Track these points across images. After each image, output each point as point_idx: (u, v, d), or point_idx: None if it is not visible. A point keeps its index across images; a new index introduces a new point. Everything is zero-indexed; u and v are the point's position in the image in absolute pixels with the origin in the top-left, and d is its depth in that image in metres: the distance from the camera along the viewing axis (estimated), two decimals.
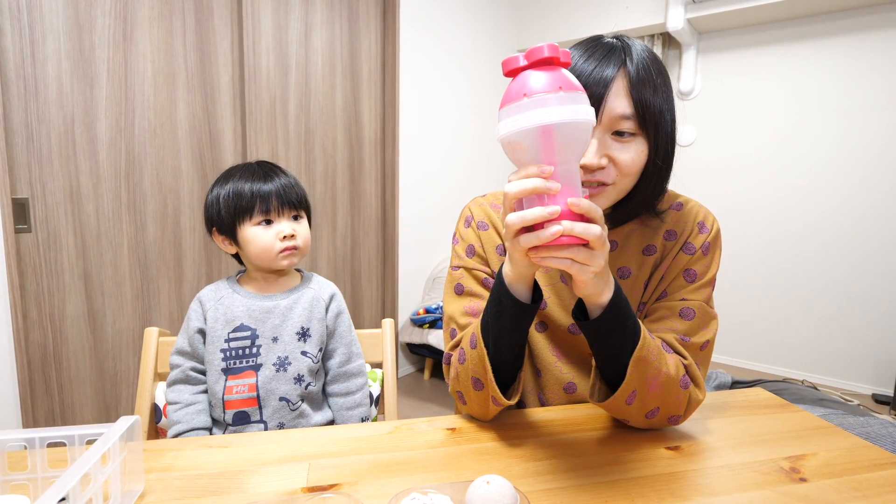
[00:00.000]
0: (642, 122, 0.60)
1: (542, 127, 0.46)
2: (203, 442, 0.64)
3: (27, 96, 1.48)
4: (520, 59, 0.49)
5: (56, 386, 1.60)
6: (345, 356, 0.90)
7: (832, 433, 0.68)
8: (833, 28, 2.59)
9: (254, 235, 0.83)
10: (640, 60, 0.61)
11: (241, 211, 0.82)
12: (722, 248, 0.72)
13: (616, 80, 0.60)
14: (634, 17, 2.88)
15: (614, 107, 0.60)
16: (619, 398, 0.61)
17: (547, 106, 0.46)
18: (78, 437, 0.48)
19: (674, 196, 0.74)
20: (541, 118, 0.46)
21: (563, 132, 0.47)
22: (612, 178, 0.62)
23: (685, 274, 0.69)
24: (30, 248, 1.52)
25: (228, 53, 1.93)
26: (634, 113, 0.60)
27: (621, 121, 0.60)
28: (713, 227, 0.71)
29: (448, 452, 0.62)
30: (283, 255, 0.84)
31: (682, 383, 0.63)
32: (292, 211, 0.86)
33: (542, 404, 0.78)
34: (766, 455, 0.62)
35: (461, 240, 0.79)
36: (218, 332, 0.84)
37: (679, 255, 0.70)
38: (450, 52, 2.87)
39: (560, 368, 0.75)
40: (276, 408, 0.82)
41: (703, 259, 0.69)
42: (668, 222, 0.71)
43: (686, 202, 0.73)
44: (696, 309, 0.67)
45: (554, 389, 0.76)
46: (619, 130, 0.61)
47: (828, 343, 2.71)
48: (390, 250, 2.65)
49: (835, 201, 2.65)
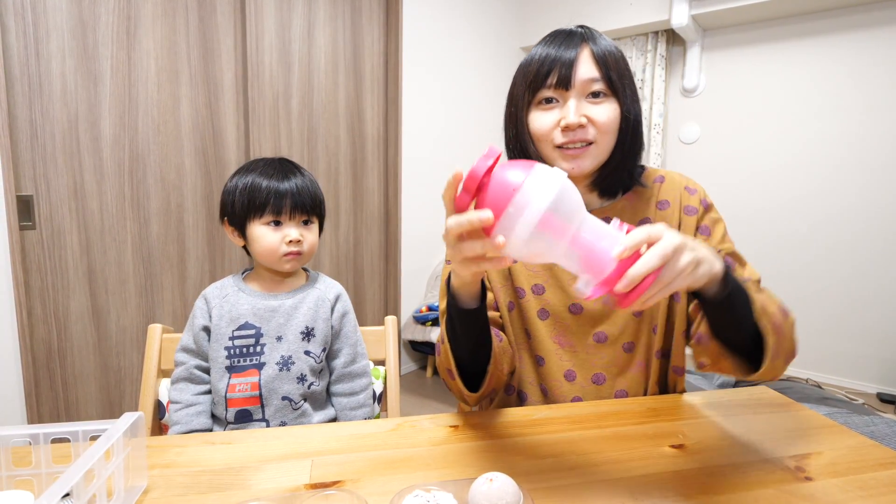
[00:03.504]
0: (610, 84, 0.68)
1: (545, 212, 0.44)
2: (206, 438, 0.64)
3: (31, 94, 1.48)
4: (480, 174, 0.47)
5: (60, 382, 1.61)
6: (350, 356, 0.90)
7: (838, 432, 0.68)
8: (839, 24, 2.56)
9: (261, 235, 0.83)
10: (602, 40, 0.70)
11: (253, 207, 0.83)
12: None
13: (582, 52, 0.68)
14: (638, 14, 2.86)
15: (584, 72, 0.68)
16: (769, 358, 0.58)
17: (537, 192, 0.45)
18: (82, 433, 0.49)
19: (654, 171, 0.80)
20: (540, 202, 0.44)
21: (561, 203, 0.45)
22: (592, 135, 0.69)
23: (700, 231, 0.74)
24: (34, 245, 1.52)
25: (231, 51, 1.93)
26: (601, 76, 0.68)
27: (592, 83, 0.68)
28: (699, 188, 0.78)
29: (451, 449, 0.62)
30: (286, 259, 0.84)
31: (783, 312, 0.62)
32: (303, 215, 0.85)
33: (544, 394, 0.79)
34: (770, 454, 0.62)
35: None
36: (223, 329, 0.84)
37: (683, 219, 0.75)
38: (453, 48, 2.86)
39: (560, 356, 0.77)
40: (279, 407, 0.82)
41: (708, 214, 0.75)
42: (657, 194, 0.77)
43: (667, 174, 0.79)
44: (730, 255, 0.72)
45: (555, 377, 0.77)
46: (592, 92, 0.68)
47: (833, 342, 2.70)
48: (393, 248, 2.65)
49: (840, 200, 2.63)
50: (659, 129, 3.02)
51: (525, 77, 0.71)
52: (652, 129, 3.03)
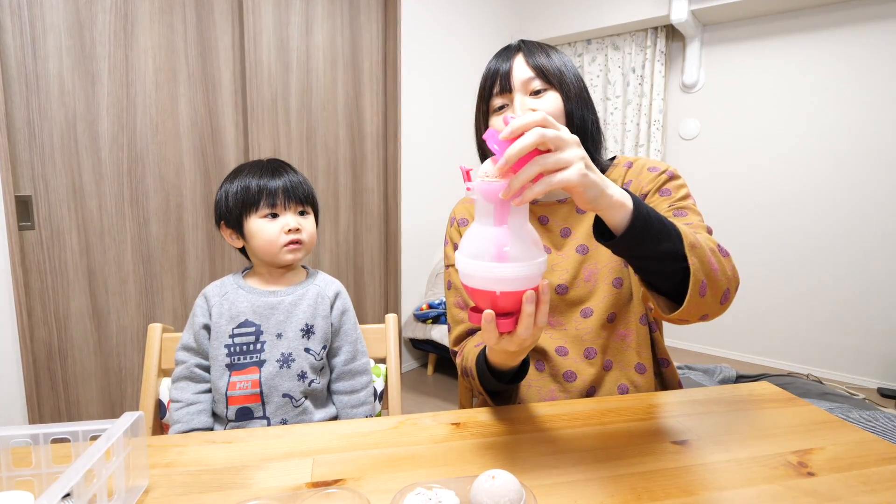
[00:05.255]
0: (545, 78, 0.74)
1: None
2: (206, 437, 0.64)
3: (29, 93, 1.47)
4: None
5: (61, 382, 1.61)
6: (350, 354, 0.90)
7: (840, 427, 0.67)
8: (840, 18, 2.56)
9: (259, 228, 0.83)
10: (535, 48, 0.77)
11: (247, 203, 0.83)
12: (685, 182, 0.80)
13: (515, 60, 0.76)
14: (638, 9, 2.86)
15: (519, 75, 0.75)
16: (693, 293, 0.56)
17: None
18: (82, 433, 0.48)
19: (624, 159, 0.84)
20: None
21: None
22: None
23: (661, 193, 0.77)
24: (33, 246, 1.52)
25: (229, 49, 1.93)
26: (535, 73, 0.74)
27: (530, 82, 0.75)
28: (664, 167, 0.80)
29: (452, 447, 0.62)
30: (288, 249, 0.84)
31: (723, 252, 0.63)
32: (298, 206, 0.86)
33: (538, 369, 0.83)
34: (773, 449, 0.61)
35: (449, 240, 0.91)
36: (222, 327, 0.84)
37: (648, 187, 0.78)
38: (452, 45, 2.85)
39: (551, 334, 0.81)
40: (279, 404, 0.82)
41: (671, 181, 0.77)
42: (624, 177, 0.81)
43: (636, 160, 0.83)
44: (687, 209, 0.74)
45: (549, 352, 0.82)
46: (533, 91, 0.75)
47: (833, 337, 2.70)
48: (393, 245, 2.65)
49: (839, 195, 2.62)
50: (658, 125, 3.01)
51: (479, 92, 0.82)
52: (651, 125, 3.03)
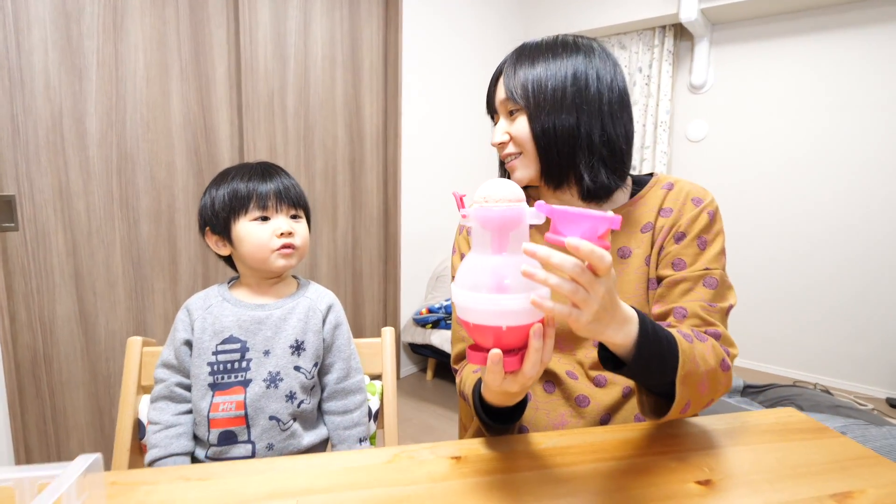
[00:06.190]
0: (515, 100, 0.74)
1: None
2: (180, 473, 0.58)
3: (13, 88, 1.41)
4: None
5: (47, 389, 1.55)
6: (343, 371, 0.84)
7: (879, 464, 0.61)
8: (854, 18, 2.49)
9: (248, 232, 0.76)
10: (524, 52, 0.76)
11: (236, 206, 0.76)
12: (722, 221, 0.77)
13: (498, 83, 0.78)
14: (646, 8, 2.79)
15: (497, 95, 0.78)
16: (675, 412, 0.60)
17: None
18: (28, 479, 0.42)
19: (664, 178, 0.80)
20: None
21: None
22: (514, 148, 0.77)
23: (698, 242, 0.73)
24: (17, 248, 1.46)
25: (224, 44, 1.86)
26: (507, 97, 0.75)
27: (506, 104, 0.76)
28: (708, 199, 0.76)
29: (452, 486, 0.56)
30: (280, 254, 0.77)
31: (724, 366, 0.64)
32: (291, 209, 0.80)
33: (547, 393, 0.79)
34: (808, 492, 0.55)
35: (457, 249, 0.89)
36: (205, 343, 0.77)
37: (688, 227, 0.74)
38: (454, 42, 2.78)
39: (559, 358, 0.79)
40: (266, 427, 0.76)
41: (712, 227, 0.74)
42: (663, 201, 0.78)
43: (676, 182, 0.79)
44: (717, 278, 0.72)
45: (560, 375, 0.79)
46: (509, 111, 0.76)
47: (841, 345, 2.64)
48: (392, 248, 2.59)
49: (850, 201, 2.56)
50: (665, 127, 2.95)
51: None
52: (658, 126, 2.96)
